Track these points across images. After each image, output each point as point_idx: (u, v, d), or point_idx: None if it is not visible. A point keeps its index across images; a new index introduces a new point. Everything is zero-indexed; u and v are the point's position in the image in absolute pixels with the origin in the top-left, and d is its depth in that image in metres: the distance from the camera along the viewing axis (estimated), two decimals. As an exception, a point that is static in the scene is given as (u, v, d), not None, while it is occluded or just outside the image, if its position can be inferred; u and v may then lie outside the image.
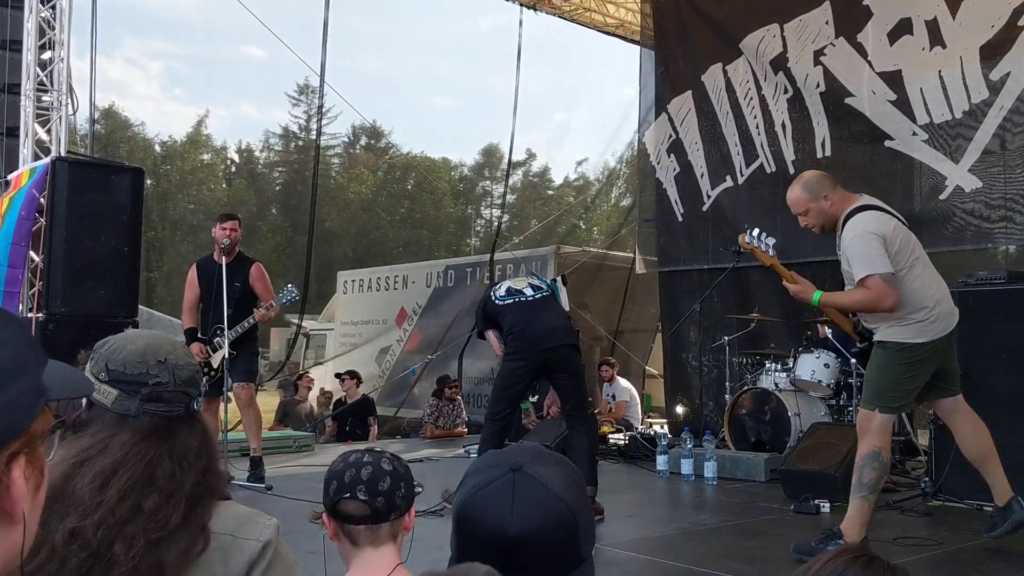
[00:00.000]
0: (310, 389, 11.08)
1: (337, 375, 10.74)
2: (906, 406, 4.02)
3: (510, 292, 5.44)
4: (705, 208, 9.25)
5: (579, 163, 48.02)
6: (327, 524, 1.89)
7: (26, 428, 0.77)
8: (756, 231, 4.19)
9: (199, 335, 6.00)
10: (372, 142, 43.22)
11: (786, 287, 4.11)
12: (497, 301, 5.42)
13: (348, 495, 1.83)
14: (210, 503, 1.43)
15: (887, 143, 7.58)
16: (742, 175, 8.89)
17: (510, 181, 39.80)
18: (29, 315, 6.28)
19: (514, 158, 39.73)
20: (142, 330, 1.69)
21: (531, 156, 43.07)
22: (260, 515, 1.49)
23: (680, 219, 9.53)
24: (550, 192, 42.91)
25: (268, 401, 9.45)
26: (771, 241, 4.15)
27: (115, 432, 1.42)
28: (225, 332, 5.80)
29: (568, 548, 1.25)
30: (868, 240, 3.78)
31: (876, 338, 3.94)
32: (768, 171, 8.64)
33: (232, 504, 1.48)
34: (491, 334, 5.50)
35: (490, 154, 42.06)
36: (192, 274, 6.14)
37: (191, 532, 1.37)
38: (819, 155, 8.17)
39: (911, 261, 3.85)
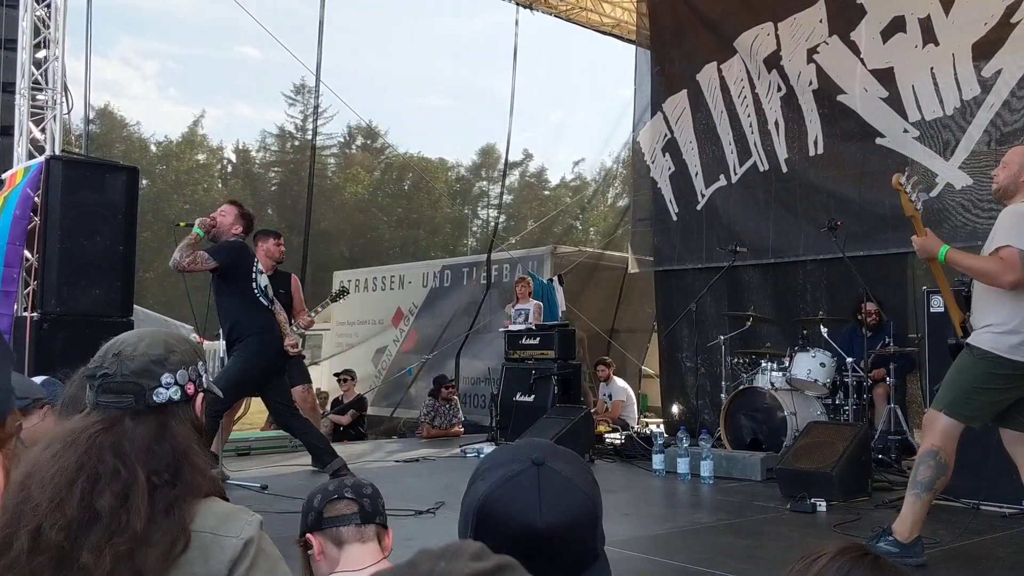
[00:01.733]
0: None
1: (336, 375, 10.73)
2: (976, 420, 3.71)
3: (266, 296, 5.55)
4: (699, 207, 9.26)
5: (576, 163, 47.95)
6: (313, 543, 1.90)
7: (3, 422, 0.76)
8: (915, 178, 3.92)
9: None
10: (368, 142, 43.12)
11: (912, 240, 3.89)
12: (257, 292, 5.47)
13: (336, 496, 1.90)
14: (190, 502, 1.38)
15: (878, 140, 7.61)
16: (736, 174, 8.91)
17: (507, 181, 39.79)
18: (24, 314, 6.26)
19: (511, 158, 39.63)
20: (146, 328, 1.64)
21: (528, 156, 42.98)
22: (243, 511, 1.45)
23: (675, 218, 9.54)
24: (547, 192, 42.84)
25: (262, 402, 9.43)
26: (924, 196, 3.95)
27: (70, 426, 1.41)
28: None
29: (589, 542, 1.26)
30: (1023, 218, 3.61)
31: (968, 341, 3.75)
32: (761, 169, 8.66)
33: (215, 501, 1.45)
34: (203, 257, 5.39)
35: (487, 154, 41.98)
36: None
37: (171, 534, 1.33)
38: (812, 153, 8.19)
39: None
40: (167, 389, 1.45)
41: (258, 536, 1.42)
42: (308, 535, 1.91)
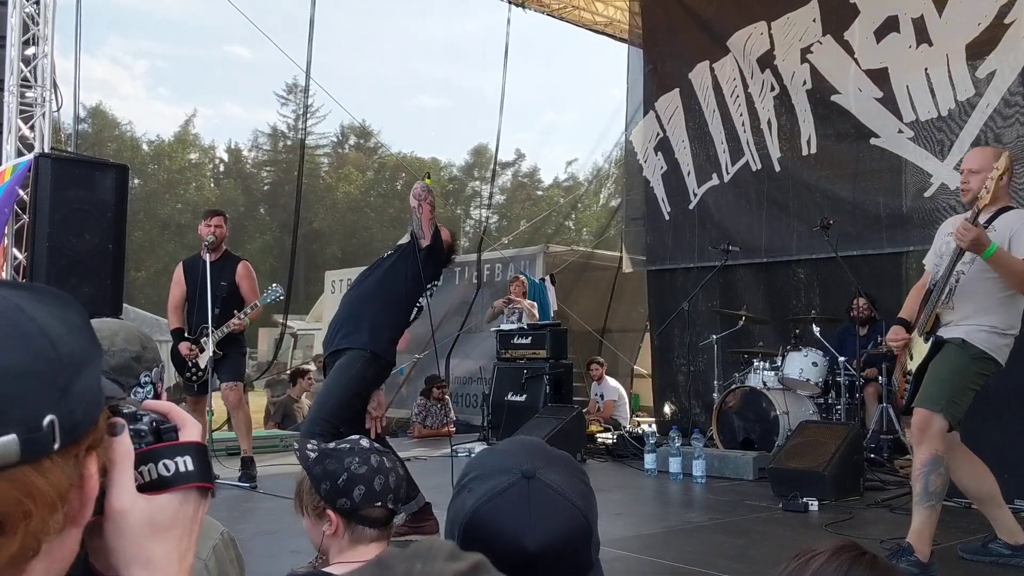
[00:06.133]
0: (307, 390, 10.96)
1: None
2: (960, 421, 3.68)
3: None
4: (691, 206, 9.26)
5: (569, 163, 48.02)
6: (333, 521, 1.83)
7: (96, 420, 0.70)
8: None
9: (186, 335, 5.98)
10: (361, 142, 43.07)
11: (961, 233, 3.52)
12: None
13: (379, 504, 1.85)
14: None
15: (873, 141, 7.61)
16: (728, 173, 8.91)
17: (500, 181, 39.84)
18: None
19: (504, 159, 39.66)
20: (110, 319, 1.52)
21: (520, 156, 43.05)
22: (208, 526, 1.30)
23: (667, 217, 9.53)
24: (540, 192, 42.88)
25: (256, 401, 9.39)
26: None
27: None
28: (211, 332, 5.78)
29: (583, 555, 1.20)
30: None
31: (957, 335, 3.65)
32: (754, 169, 8.66)
33: None
34: None
35: (480, 154, 41.95)
36: (179, 272, 6.21)
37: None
38: (805, 152, 8.20)
39: None
40: (143, 388, 1.37)
41: (223, 550, 1.29)
42: (331, 512, 1.83)
